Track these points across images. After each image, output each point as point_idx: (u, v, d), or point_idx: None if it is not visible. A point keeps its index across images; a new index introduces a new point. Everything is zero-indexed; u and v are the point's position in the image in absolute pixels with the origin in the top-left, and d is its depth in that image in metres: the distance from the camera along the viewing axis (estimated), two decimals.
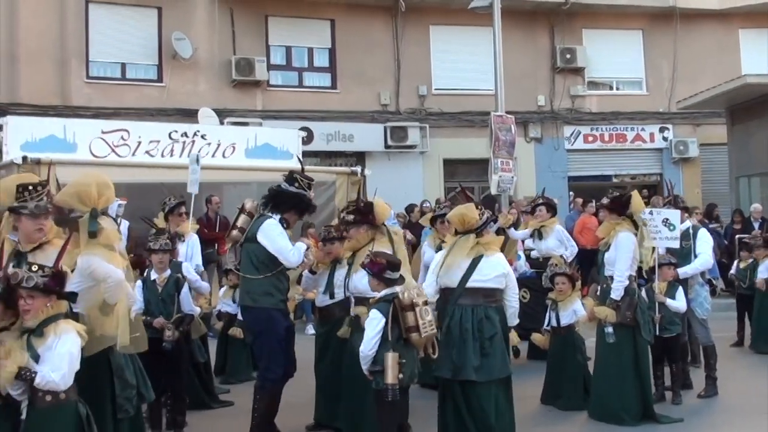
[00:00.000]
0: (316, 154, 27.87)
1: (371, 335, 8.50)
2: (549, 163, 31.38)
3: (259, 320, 10.07)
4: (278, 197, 10.20)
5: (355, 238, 10.32)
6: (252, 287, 9.96)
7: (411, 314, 8.47)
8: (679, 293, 12.27)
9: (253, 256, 9.98)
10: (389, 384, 8.26)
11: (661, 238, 12.07)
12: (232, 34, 28.54)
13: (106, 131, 17.20)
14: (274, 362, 10.04)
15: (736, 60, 32.71)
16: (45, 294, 6.77)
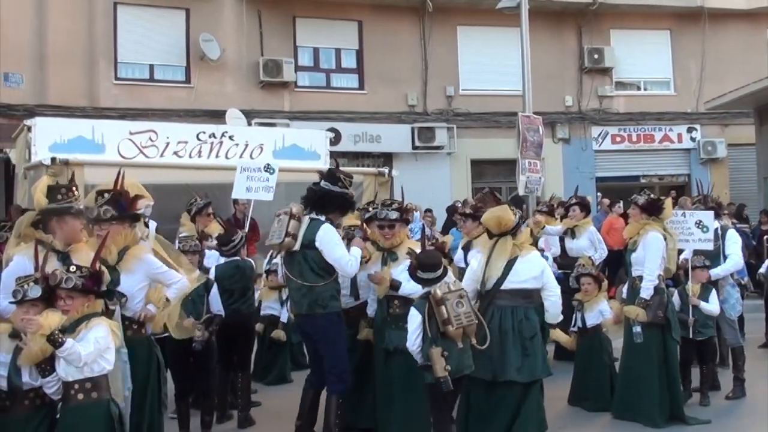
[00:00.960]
0: (344, 154, 27.80)
1: (411, 332, 8.76)
2: (577, 164, 31.32)
3: (331, 326, 9.89)
4: (324, 198, 10.01)
5: (396, 236, 10.32)
6: (318, 294, 9.74)
7: (442, 308, 8.60)
8: (712, 296, 12.21)
9: (312, 263, 9.75)
10: (439, 377, 8.44)
11: (694, 240, 12.03)
12: (259, 35, 28.60)
13: (134, 132, 17.30)
14: (345, 364, 9.99)
15: (764, 60, 32.43)
16: (84, 294, 6.84)
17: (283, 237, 9.73)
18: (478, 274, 9.53)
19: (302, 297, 9.80)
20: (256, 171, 14.43)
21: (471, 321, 8.75)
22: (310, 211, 9.99)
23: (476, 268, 9.58)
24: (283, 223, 9.85)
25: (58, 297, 6.83)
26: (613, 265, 19.71)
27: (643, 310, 11.02)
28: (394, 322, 9.92)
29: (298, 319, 10.25)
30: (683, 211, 12.39)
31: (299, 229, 9.82)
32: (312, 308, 9.75)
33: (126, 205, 8.13)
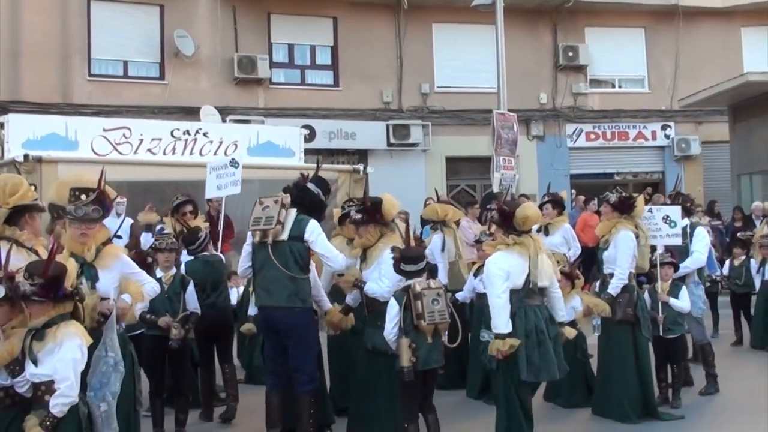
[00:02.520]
0: (318, 151, 27.78)
1: (389, 320, 8.98)
2: (551, 161, 31.37)
3: (308, 322, 9.86)
4: (318, 206, 10.07)
5: (365, 237, 10.10)
6: (300, 287, 9.68)
7: (418, 303, 8.80)
8: (682, 293, 12.16)
9: (298, 255, 9.68)
10: (403, 366, 8.76)
11: (662, 236, 12.04)
12: (234, 31, 28.54)
13: (107, 129, 17.23)
14: (315, 362, 9.97)
15: (738, 58, 32.70)
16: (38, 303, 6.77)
17: (274, 223, 9.60)
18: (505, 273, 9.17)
19: (282, 288, 9.62)
20: (223, 168, 14.39)
21: (444, 319, 8.89)
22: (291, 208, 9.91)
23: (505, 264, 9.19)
24: (272, 210, 9.70)
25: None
26: (587, 263, 19.74)
27: (608, 305, 11.13)
28: (373, 321, 9.87)
29: (268, 313, 9.89)
30: (650, 207, 12.42)
31: (287, 219, 9.73)
32: (292, 301, 9.62)
33: (109, 204, 8.13)
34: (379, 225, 10.09)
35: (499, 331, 8.82)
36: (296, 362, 9.74)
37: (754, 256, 17.32)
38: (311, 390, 9.78)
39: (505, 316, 8.85)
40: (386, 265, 9.65)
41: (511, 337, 8.79)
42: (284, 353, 9.83)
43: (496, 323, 8.86)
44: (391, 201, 10.29)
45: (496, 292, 8.90)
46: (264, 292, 9.80)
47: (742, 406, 12.16)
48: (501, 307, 8.86)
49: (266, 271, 9.73)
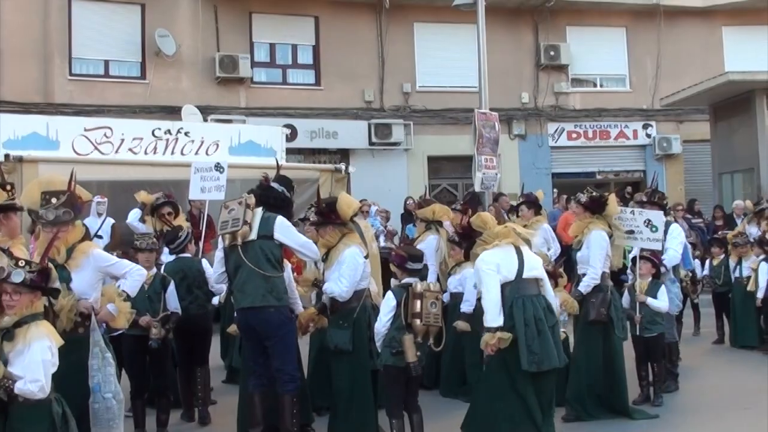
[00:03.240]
0: (300, 151, 27.88)
1: (384, 313, 9.20)
2: (533, 160, 31.40)
3: (284, 320, 9.80)
4: (282, 202, 10.04)
5: (325, 238, 10.12)
6: (274, 285, 9.64)
7: (418, 302, 8.99)
8: (660, 292, 12.14)
9: (270, 253, 9.64)
10: (411, 362, 8.92)
11: (643, 239, 12.07)
12: (215, 31, 28.48)
13: (89, 128, 17.20)
14: (295, 361, 9.96)
15: (719, 57, 32.79)
16: (31, 291, 6.75)
17: (241, 225, 9.58)
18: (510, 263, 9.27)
19: (256, 288, 9.58)
20: (208, 171, 14.34)
21: (437, 323, 9.12)
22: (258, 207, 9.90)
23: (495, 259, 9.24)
24: (238, 212, 9.69)
25: (3, 291, 6.72)
26: (570, 261, 19.77)
27: (578, 303, 11.23)
28: (335, 321, 9.96)
29: (245, 313, 9.84)
30: (633, 209, 12.45)
31: (254, 219, 9.71)
32: (266, 300, 9.58)
33: (80, 206, 8.10)
34: (337, 225, 10.07)
35: (488, 325, 8.86)
36: (277, 362, 9.72)
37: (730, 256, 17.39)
38: (293, 389, 9.73)
39: (496, 310, 8.88)
40: (346, 265, 9.78)
41: (502, 331, 8.82)
42: (264, 353, 9.81)
43: (486, 317, 8.92)
44: (346, 201, 10.30)
45: (487, 286, 8.97)
46: (240, 294, 9.77)
47: (719, 404, 12.24)
48: (491, 300, 8.91)
49: (240, 272, 9.70)
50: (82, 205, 8.16)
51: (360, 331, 9.85)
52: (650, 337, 12.18)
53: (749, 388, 13.12)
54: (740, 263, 16.96)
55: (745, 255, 16.86)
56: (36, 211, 8.20)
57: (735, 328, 16.96)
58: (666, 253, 12.81)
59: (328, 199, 10.41)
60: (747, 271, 16.70)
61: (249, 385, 10.08)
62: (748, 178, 26.86)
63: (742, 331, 16.77)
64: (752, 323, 16.51)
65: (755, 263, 16.25)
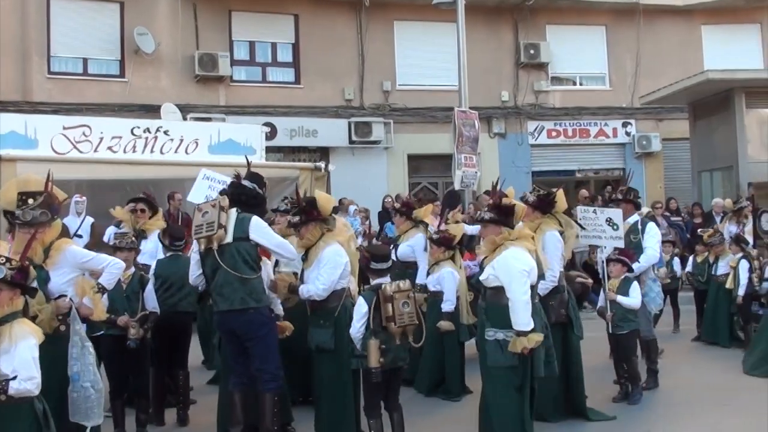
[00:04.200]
0: (280, 149, 27.85)
1: (356, 320, 9.15)
2: (513, 159, 31.42)
3: (264, 321, 9.77)
4: (255, 199, 9.99)
5: (306, 237, 10.04)
6: (252, 287, 9.62)
7: (389, 305, 8.96)
8: (632, 290, 12.20)
9: (246, 254, 9.61)
10: (372, 368, 8.90)
11: (606, 238, 12.15)
12: (195, 29, 28.42)
13: (67, 127, 17.11)
14: (277, 360, 9.88)
15: (699, 56, 32.92)
16: (11, 287, 6.73)
17: (216, 229, 9.52)
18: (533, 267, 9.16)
19: (234, 291, 9.55)
20: (218, 183, 14.21)
21: (413, 321, 9.06)
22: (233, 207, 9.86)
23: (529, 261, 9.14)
24: (212, 215, 9.63)
25: None
26: None
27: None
28: (315, 320, 9.93)
29: (223, 316, 9.80)
30: (594, 208, 12.56)
31: (228, 222, 9.66)
32: (245, 302, 9.55)
33: (57, 206, 8.06)
34: (319, 222, 10.03)
35: (522, 329, 8.72)
36: (258, 362, 9.70)
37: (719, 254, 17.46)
38: (275, 388, 9.72)
39: (528, 314, 8.79)
40: (324, 264, 9.77)
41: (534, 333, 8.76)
42: (244, 354, 9.79)
43: (519, 321, 8.75)
44: (324, 196, 10.31)
45: (522, 289, 8.81)
46: (219, 297, 9.72)
47: (700, 399, 12.32)
48: (525, 303, 8.78)
49: (218, 276, 9.66)
50: (59, 205, 8.12)
51: (341, 330, 9.77)
52: (622, 334, 12.21)
53: (729, 384, 13.26)
54: (716, 262, 17.05)
55: (722, 254, 16.93)
56: (12, 212, 8.16)
57: (705, 323, 17.09)
58: (644, 252, 12.85)
59: (305, 197, 10.36)
60: (723, 269, 16.78)
61: (229, 384, 10.06)
62: (727, 176, 26.93)
63: (711, 327, 16.93)
64: (723, 322, 16.62)
65: (734, 261, 16.31)
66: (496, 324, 8.96)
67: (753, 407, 11.80)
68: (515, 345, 8.74)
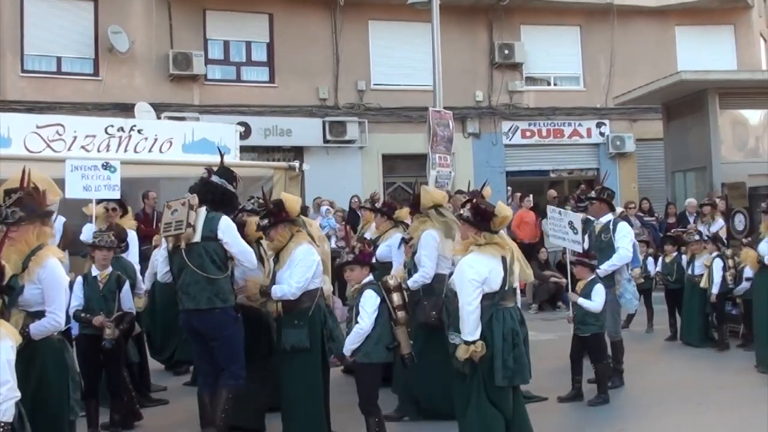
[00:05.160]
0: (254, 148, 27.78)
1: (371, 312, 9.17)
2: (487, 159, 31.46)
3: (230, 321, 9.75)
4: (224, 196, 9.95)
5: (276, 239, 9.93)
6: (220, 287, 9.60)
7: (398, 294, 9.25)
8: (594, 292, 12.18)
9: (214, 254, 9.60)
10: (407, 353, 9.30)
11: (567, 240, 12.28)
12: (169, 27, 28.34)
13: (41, 126, 17.06)
14: (242, 361, 9.85)
15: (672, 57, 33.07)
16: None
17: (184, 228, 9.53)
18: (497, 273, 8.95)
19: (201, 291, 9.55)
20: (92, 169, 13.85)
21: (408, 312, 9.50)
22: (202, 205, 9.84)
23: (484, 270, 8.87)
24: (181, 214, 9.62)
25: None
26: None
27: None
28: (289, 321, 9.80)
29: (189, 315, 9.78)
30: (559, 210, 12.68)
31: (197, 221, 9.65)
32: (212, 302, 9.55)
33: (35, 204, 7.74)
34: (288, 223, 9.97)
35: (466, 339, 8.58)
36: (223, 362, 9.74)
37: (686, 253, 17.55)
38: (232, 385, 9.72)
39: (475, 323, 8.62)
40: (297, 263, 9.70)
41: (477, 344, 8.58)
42: (210, 353, 9.81)
43: (464, 329, 8.62)
44: (291, 197, 10.23)
45: (469, 299, 8.62)
46: (185, 296, 9.72)
47: (673, 399, 12.39)
48: (471, 313, 8.61)
49: (184, 275, 9.66)
50: (40, 205, 7.79)
51: (315, 330, 9.76)
52: (583, 336, 12.24)
53: (702, 383, 13.36)
54: (692, 261, 17.12)
55: (698, 252, 17.00)
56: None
57: (685, 325, 17.14)
58: (617, 252, 12.90)
59: (273, 200, 10.29)
60: (699, 269, 16.85)
61: (198, 385, 10.13)
62: (700, 177, 27.05)
63: (687, 328, 17.03)
64: (697, 322, 16.70)
65: (709, 260, 16.39)
66: (456, 327, 8.86)
67: (727, 406, 11.92)
68: (458, 352, 8.66)
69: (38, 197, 7.71)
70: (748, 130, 26.75)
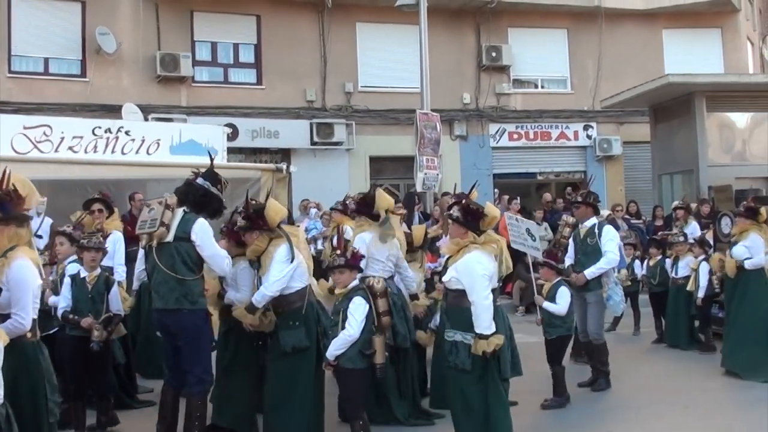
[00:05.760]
0: (241, 150, 27.76)
1: (360, 320, 9.07)
2: (474, 161, 31.47)
3: (198, 323, 9.72)
4: (205, 197, 9.85)
5: (254, 243, 9.90)
6: (189, 289, 9.55)
7: (383, 300, 9.24)
8: (559, 296, 12.23)
9: (186, 255, 9.56)
10: (379, 363, 9.11)
11: (527, 246, 12.36)
12: (156, 29, 28.31)
13: (28, 127, 17.00)
14: (209, 365, 9.86)
15: (660, 60, 33.12)
16: None
17: (157, 226, 9.52)
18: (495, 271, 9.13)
19: (170, 291, 9.53)
20: None
21: None
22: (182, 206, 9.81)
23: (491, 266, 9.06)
24: (156, 212, 9.63)
25: None
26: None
27: None
28: (285, 322, 9.76)
29: (159, 314, 9.80)
30: (516, 217, 12.84)
31: (173, 221, 9.64)
32: (180, 303, 9.53)
33: (11, 206, 7.62)
34: (264, 232, 9.92)
35: (483, 332, 8.67)
36: (186, 364, 9.72)
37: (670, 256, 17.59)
38: (200, 392, 9.73)
39: (490, 317, 8.73)
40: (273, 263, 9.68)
41: (498, 335, 8.72)
42: (179, 353, 9.81)
43: (481, 324, 8.69)
44: (274, 208, 10.06)
45: (485, 293, 8.75)
46: (156, 295, 9.76)
47: (660, 402, 12.38)
48: (488, 308, 8.72)
49: (156, 274, 9.67)
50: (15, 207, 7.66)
51: (311, 328, 9.79)
52: (549, 339, 12.27)
53: (689, 386, 13.38)
54: (676, 262, 17.15)
55: (682, 254, 17.03)
56: None
57: (669, 327, 17.16)
58: (604, 255, 12.93)
59: (256, 205, 10.23)
60: (683, 271, 16.88)
61: (164, 382, 10.16)
62: (687, 180, 27.14)
63: (673, 330, 17.03)
64: (683, 324, 16.72)
65: (695, 263, 16.41)
66: (456, 326, 8.94)
67: (713, 408, 11.97)
68: (476, 347, 8.71)
69: (16, 199, 7.61)
70: (734, 133, 26.84)
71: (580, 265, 13.11)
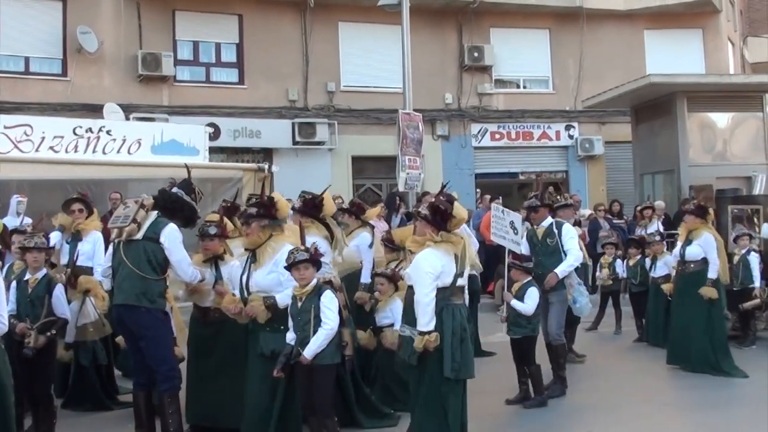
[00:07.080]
0: (223, 150, 27.72)
1: (336, 311, 9.04)
2: (456, 161, 31.51)
3: (157, 323, 9.74)
4: (175, 204, 9.95)
5: (256, 234, 9.73)
6: (150, 288, 9.62)
7: (341, 294, 9.44)
8: (528, 295, 12.22)
9: (152, 255, 9.65)
10: (348, 355, 9.49)
11: (508, 240, 12.28)
12: (138, 28, 28.23)
13: (8, 126, 17.00)
14: (173, 362, 9.92)
15: (641, 60, 33.23)
16: None
17: (129, 222, 9.63)
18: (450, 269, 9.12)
19: (131, 287, 9.60)
20: None
21: None
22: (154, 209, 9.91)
23: (438, 261, 9.04)
24: (131, 210, 9.74)
25: None
26: (492, 260, 19.92)
27: None
28: (269, 325, 9.53)
29: (118, 310, 9.81)
30: (502, 209, 12.68)
31: (145, 220, 9.75)
32: (139, 300, 9.58)
33: None
34: (272, 222, 9.82)
35: (422, 329, 8.72)
36: (151, 361, 9.77)
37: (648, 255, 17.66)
38: (169, 388, 9.74)
39: (431, 314, 8.75)
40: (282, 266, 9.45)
41: (432, 334, 8.71)
42: (140, 352, 9.84)
43: (421, 321, 8.75)
44: (284, 201, 10.12)
45: (426, 290, 8.78)
46: (118, 290, 9.82)
47: (640, 400, 12.41)
48: (428, 305, 8.76)
49: (121, 269, 9.75)
50: None
51: None
52: (515, 339, 12.30)
53: (670, 384, 13.48)
54: (654, 262, 17.21)
55: (660, 253, 17.09)
56: None
57: (650, 326, 17.22)
58: (569, 254, 12.84)
59: (269, 195, 10.24)
60: (661, 270, 16.94)
61: (133, 384, 10.25)
62: (668, 179, 27.14)
63: (653, 329, 17.08)
64: (663, 323, 16.74)
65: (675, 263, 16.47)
66: (407, 321, 9.06)
67: (693, 406, 12.10)
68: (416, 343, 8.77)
69: None
70: (715, 133, 26.85)
71: (541, 266, 12.87)
